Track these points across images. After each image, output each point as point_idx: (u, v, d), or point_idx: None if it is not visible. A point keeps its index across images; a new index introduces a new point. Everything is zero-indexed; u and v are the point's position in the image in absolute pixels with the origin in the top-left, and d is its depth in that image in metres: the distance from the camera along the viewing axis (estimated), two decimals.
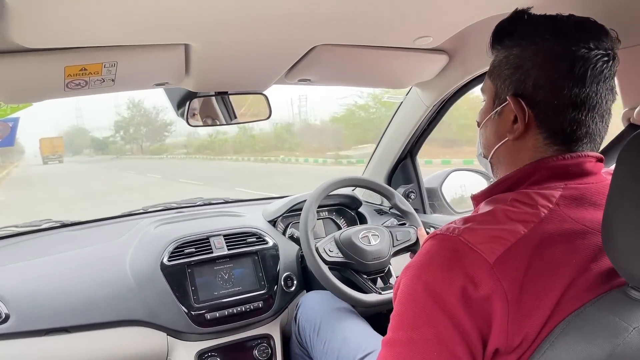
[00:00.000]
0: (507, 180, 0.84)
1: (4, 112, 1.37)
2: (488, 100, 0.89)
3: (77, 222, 1.96)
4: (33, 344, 1.41)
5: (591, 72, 0.77)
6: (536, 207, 0.74)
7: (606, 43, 0.79)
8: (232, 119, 1.81)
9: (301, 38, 1.25)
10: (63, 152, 38.73)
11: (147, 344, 1.54)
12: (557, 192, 0.77)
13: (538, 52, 0.80)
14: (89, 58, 1.12)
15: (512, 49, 0.84)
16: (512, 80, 0.83)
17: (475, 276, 0.70)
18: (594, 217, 0.75)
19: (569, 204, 0.75)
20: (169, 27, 1.06)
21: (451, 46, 1.50)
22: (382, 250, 1.65)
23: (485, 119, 0.90)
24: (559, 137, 0.80)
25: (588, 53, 0.77)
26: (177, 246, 1.63)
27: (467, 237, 0.73)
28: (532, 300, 0.70)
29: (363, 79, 1.70)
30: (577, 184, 0.79)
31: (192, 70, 1.32)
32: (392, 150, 2.08)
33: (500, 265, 0.70)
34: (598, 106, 0.79)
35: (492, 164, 0.91)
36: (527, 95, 0.81)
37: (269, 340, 1.70)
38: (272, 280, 1.70)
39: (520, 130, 0.82)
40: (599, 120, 0.80)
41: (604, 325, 0.66)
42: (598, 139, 0.82)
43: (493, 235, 0.72)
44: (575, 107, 0.78)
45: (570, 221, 0.74)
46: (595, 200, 0.78)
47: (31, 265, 1.59)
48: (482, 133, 0.92)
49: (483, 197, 0.85)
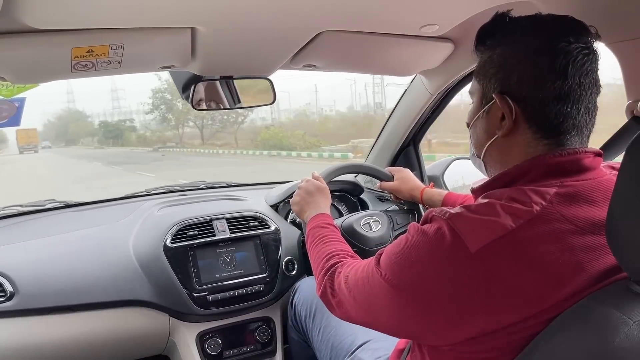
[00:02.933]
0: (504, 176, 0.85)
1: (10, 92, 1.37)
2: (476, 101, 0.92)
3: (81, 202, 1.97)
4: (37, 322, 1.43)
5: (572, 65, 0.79)
6: (529, 204, 0.75)
7: (585, 37, 0.81)
8: (236, 103, 1.82)
9: (307, 23, 1.25)
10: (37, 142, 40.62)
11: (149, 324, 1.57)
12: (552, 189, 0.77)
13: (519, 48, 0.83)
14: (96, 40, 1.13)
15: (495, 48, 0.86)
16: (497, 78, 0.85)
17: (455, 261, 0.74)
18: (588, 215, 0.76)
19: (563, 201, 0.76)
20: (176, 10, 1.06)
21: (457, 34, 1.50)
22: (383, 236, 1.67)
23: (474, 118, 0.92)
24: (547, 130, 0.82)
25: (568, 46, 0.79)
26: (180, 228, 1.64)
27: (455, 222, 0.76)
28: (513, 295, 0.72)
29: (368, 65, 1.70)
30: (573, 180, 0.79)
31: (198, 53, 1.33)
32: (396, 137, 2.09)
33: (481, 255, 0.72)
34: (582, 98, 0.80)
35: (485, 162, 0.93)
36: (513, 91, 0.83)
37: (269, 323, 1.72)
38: (274, 264, 1.72)
39: (508, 127, 0.84)
40: (584, 112, 0.81)
41: (604, 318, 0.66)
42: (585, 131, 0.83)
43: (481, 226, 0.74)
44: (560, 100, 0.80)
45: (562, 220, 0.74)
46: (591, 197, 0.78)
47: (35, 244, 1.61)
48: (473, 133, 0.94)
49: (481, 192, 0.86)
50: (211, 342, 1.62)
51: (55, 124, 58.99)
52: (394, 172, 1.77)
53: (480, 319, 0.73)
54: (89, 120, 55.72)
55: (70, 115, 59.35)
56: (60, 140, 52.29)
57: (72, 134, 52.04)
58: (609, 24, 1.07)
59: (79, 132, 50.83)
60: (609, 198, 0.70)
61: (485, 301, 0.72)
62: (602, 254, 0.74)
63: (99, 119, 52.79)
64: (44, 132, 58.78)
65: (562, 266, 0.72)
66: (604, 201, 0.77)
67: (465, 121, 0.96)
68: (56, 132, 56.56)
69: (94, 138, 46.47)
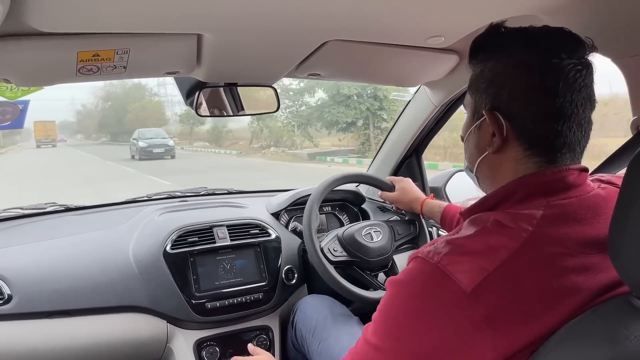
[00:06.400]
0: (490, 198, 0.84)
1: (14, 95, 1.38)
2: (469, 115, 0.89)
3: (81, 206, 1.97)
4: (35, 326, 1.42)
5: (563, 83, 0.76)
6: (517, 230, 0.74)
7: (579, 52, 0.78)
8: (239, 111, 1.82)
9: (313, 33, 1.25)
10: (56, 136, 37.42)
11: (147, 330, 1.55)
12: (539, 211, 0.76)
13: (509, 64, 0.80)
14: (102, 44, 1.13)
15: (486, 63, 0.84)
16: (487, 94, 0.83)
17: (451, 303, 0.71)
18: (578, 234, 0.75)
19: (551, 223, 0.75)
20: (183, 17, 1.06)
21: (462, 47, 1.50)
22: (384, 246, 1.66)
23: (467, 133, 0.90)
24: (539, 148, 0.80)
25: (560, 63, 0.76)
26: (180, 235, 1.64)
27: (445, 265, 0.73)
28: (511, 324, 0.70)
29: (373, 76, 1.71)
30: (560, 199, 0.78)
31: (203, 60, 1.33)
32: (399, 148, 2.08)
33: (477, 294, 0.70)
34: (574, 116, 0.78)
35: (478, 177, 0.91)
36: (503, 108, 0.81)
37: (267, 331, 1.71)
38: (274, 272, 1.71)
39: (498, 144, 0.82)
40: (576, 130, 0.79)
41: (604, 332, 0.66)
42: (578, 148, 0.81)
43: (471, 264, 0.72)
44: (551, 118, 0.78)
45: (551, 243, 0.73)
46: (578, 215, 0.77)
47: (35, 247, 1.60)
48: (466, 147, 0.92)
49: (468, 214, 0.85)
50: (209, 350, 1.61)
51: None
52: (395, 182, 1.76)
53: (488, 350, 0.71)
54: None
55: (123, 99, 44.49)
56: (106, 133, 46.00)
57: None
58: (615, 40, 1.08)
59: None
60: (597, 214, 0.70)
61: (489, 334, 0.70)
62: (597, 272, 0.73)
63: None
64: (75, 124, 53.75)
65: (558, 289, 0.71)
66: (592, 218, 0.77)
67: (460, 134, 0.94)
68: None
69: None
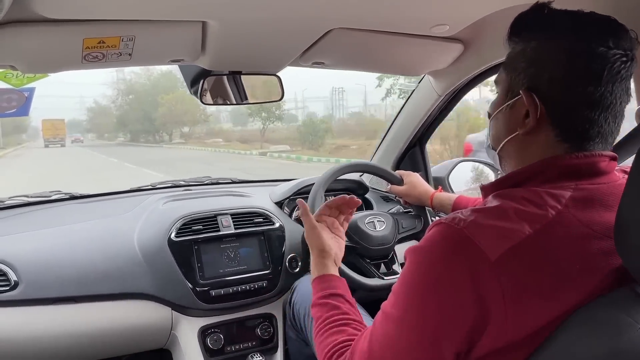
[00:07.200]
0: (517, 175, 0.83)
1: (20, 82, 1.38)
2: (501, 93, 0.88)
3: (86, 194, 1.97)
4: (41, 312, 1.43)
5: (608, 72, 0.76)
6: (545, 207, 0.73)
7: (625, 43, 0.78)
8: (243, 99, 1.82)
9: (318, 21, 1.25)
10: (65, 134, 35.31)
11: (152, 317, 1.57)
12: (567, 192, 0.76)
13: (556, 47, 0.79)
14: (107, 31, 1.13)
15: (529, 42, 0.82)
16: (526, 74, 0.82)
17: (474, 271, 0.71)
18: (603, 219, 0.75)
19: (579, 205, 0.75)
20: (188, 4, 1.06)
21: (467, 35, 1.50)
22: (386, 236, 1.66)
23: (496, 111, 0.89)
24: (571, 134, 0.80)
25: (607, 52, 0.76)
26: (184, 223, 1.64)
27: (472, 231, 0.73)
28: (533, 300, 0.70)
29: (377, 64, 1.71)
30: (588, 184, 0.78)
31: (208, 48, 1.33)
32: (402, 137, 2.08)
33: (501, 263, 0.70)
34: (612, 106, 0.78)
35: (501, 156, 0.91)
36: (541, 90, 0.80)
37: (271, 319, 1.72)
38: (277, 260, 1.71)
39: (531, 125, 0.81)
40: (611, 121, 0.79)
41: (610, 321, 0.66)
42: (610, 139, 0.81)
43: (498, 232, 0.72)
44: (589, 106, 0.77)
45: (577, 224, 0.73)
46: (606, 201, 0.77)
47: (41, 235, 1.61)
48: (493, 125, 0.91)
49: (492, 190, 0.84)
50: (213, 337, 1.62)
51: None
52: (404, 175, 1.76)
53: (509, 322, 0.71)
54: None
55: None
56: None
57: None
58: None
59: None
60: None
61: (512, 306, 0.70)
62: (617, 257, 0.73)
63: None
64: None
65: (582, 270, 0.71)
66: (617, 206, 0.76)
67: (487, 111, 0.93)
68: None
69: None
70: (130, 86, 41.03)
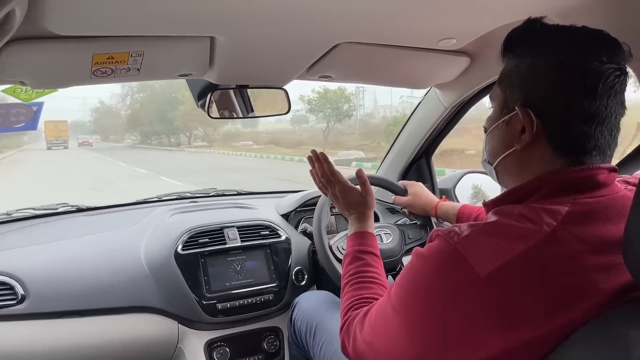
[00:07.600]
0: (517, 191, 0.83)
1: (29, 97, 1.39)
2: (496, 108, 0.89)
3: (93, 207, 1.98)
4: (48, 326, 1.43)
5: (602, 86, 0.76)
6: (540, 224, 0.73)
7: (619, 57, 0.78)
8: (249, 112, 1.83)
9: (325, 35, 1.26)
10: (68, 136, 34.80)
11: (158, 331, 1.56)
12: (565, 207, 0.75)
13: (549, 63, 0.79)
14: (116, 47, 1.14)
15: (523, 58, 0.83)
16: (521, 89, 0.82)
17: (466, 286, 0.73)
18: (603, 233, 0.74)
19: (576, 220, 0.74)
20: (196, 20, 1.07)
21: (473, 49, 1.50)
22: (394, 249, 1.66)
23: (492, 126, 0.89)
24: (568, 149, 0.80)
25: (600, 67, 0.76)
26: (191, 236, 1.65)
27: (464, 246, 0.74)
28: (522, 316, 0.71)
29: (384, 78, 1.71)
30: (587, 197, 0.77)
31: (215, 62, 1.34)
32: (408, 149, 2.08)
33: (492, 279, 0.71)
34: (607, 120, 0.78)
35: (497, 171, 0.91)
36: (536, 105, 0.80)
37: (277, 333, 1.71)
38: (284, 273, 1.71)
39: (527, 141, 0.81)
40: (607, 134, 0.79)
41: (620, 334, 0.65)
42: (608, 151, 0.81)
43: (490, 249, 0.73)
44: (585, 121, 0.77)
45: (573, 240, 0.73)
46: (607, 214, 0.76)
47: (47, 248, 1.62)
48: (489, 140, 0.91)
49: (493, 206, 0.85)
50: (219, 350, 1.61)
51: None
52: (408, 185, 1.76)
53: (498, 338, 0.72)
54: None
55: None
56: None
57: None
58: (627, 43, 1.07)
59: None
60: (624, 215, 0.69)
61: (500, 322, 0.71)
62: (618, 272, 0.72)
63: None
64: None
65: (576, 286, 0.71)
66: (619, 218, 0.76)
67: (483, 126, 0.93)
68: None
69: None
70: (144, 83, 35.55)
